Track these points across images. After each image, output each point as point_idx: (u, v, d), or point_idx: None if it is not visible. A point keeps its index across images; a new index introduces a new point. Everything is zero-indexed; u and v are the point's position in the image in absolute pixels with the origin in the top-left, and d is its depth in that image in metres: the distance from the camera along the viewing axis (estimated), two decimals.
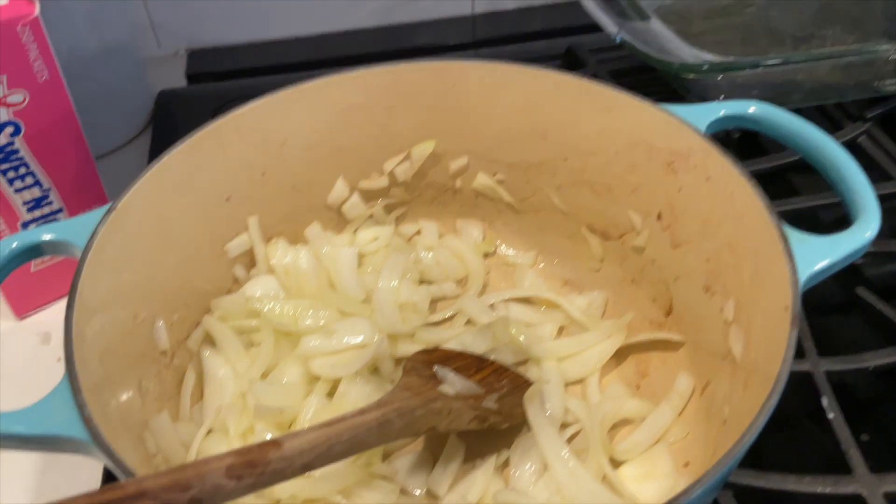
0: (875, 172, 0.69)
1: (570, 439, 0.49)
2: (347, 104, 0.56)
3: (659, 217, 0.53)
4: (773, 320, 0.40)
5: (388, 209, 0.62)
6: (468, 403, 0.46)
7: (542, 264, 0.62)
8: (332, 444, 0.36)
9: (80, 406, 0.35)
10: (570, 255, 0.60)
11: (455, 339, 0.53)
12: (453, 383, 0.46)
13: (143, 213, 0.47)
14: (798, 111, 0.50)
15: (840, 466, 0.48)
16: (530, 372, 0.53)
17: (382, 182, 0.60)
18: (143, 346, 0.47)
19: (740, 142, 0.76)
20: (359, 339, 0.52)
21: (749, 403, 0.39)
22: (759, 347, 0.42)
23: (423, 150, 0.59)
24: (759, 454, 0.55)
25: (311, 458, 0.35)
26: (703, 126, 0.49)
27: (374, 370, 0.52)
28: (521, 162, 0.59)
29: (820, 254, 0.41)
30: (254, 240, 0.56)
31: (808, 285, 0.41)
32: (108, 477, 0.49)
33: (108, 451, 0.34)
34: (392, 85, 0.56)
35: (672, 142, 0.50)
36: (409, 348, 0.53)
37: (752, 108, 0.49)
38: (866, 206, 0.43)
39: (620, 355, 0.55)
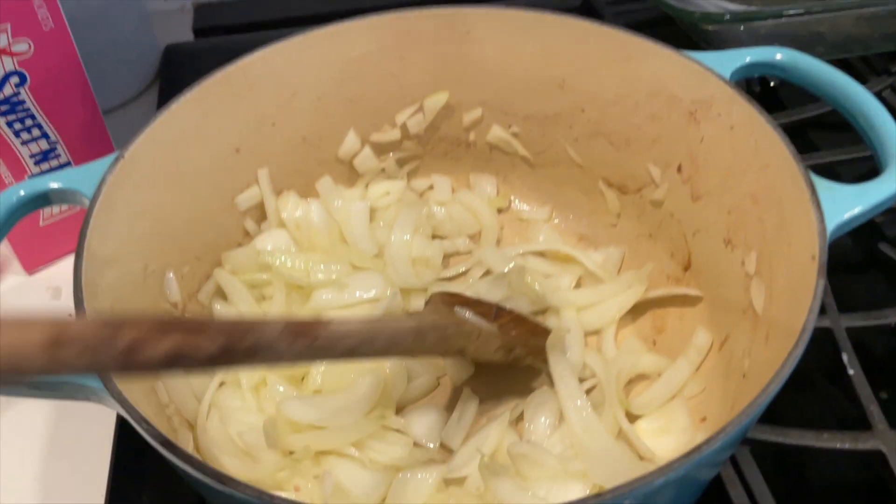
0: None
1: (588, 393, 0.48)
2: (358, 53, 0.54)
3: (679, 169, 0.51)
4: (798, 271, 0.39)
5: (401, 163, 0.60)
6: (495, 332, 0.46)
7: (556, 220, 0.61)
8: (374, 336, 0.37)
9: None
10: (585, 210, 0.59)
11: (470, 288, 0.52)
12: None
13: (151, 162, 0.46)
14: None
15: (859, 423, 0.47)
16: (549, 321, 0.52)
17: (395, 135, 0.59)
18: (154, 297, 0.47)
19: (760, 96, 0.74)
20: (371, 294, 0.52)
21: (771, 356, 0.38)
22: (782, 300, 0.41)
23: (436, 101, 0.57)
24: (777, 411, 0.54)
25: (354, 344, 0.36)
26: (727, 74, 0.47)
27: None
28: (536, 113, 0.57)
29: (849, 203, 0.40)
30: (264, 192, 0.55)
31: (835, 235, 0.40)
32: (122, 428, 0.49)
33: (119, 398, 0.33)
34: (404, 32, 0.54)
35: (695, 90, 0.48)
36: (421, 303, 0.53)
37: (779, 54, 0.47)
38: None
39: (637, 311, 0.54)
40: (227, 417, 0.45)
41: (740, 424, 0.32)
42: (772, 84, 0.74)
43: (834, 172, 0.66)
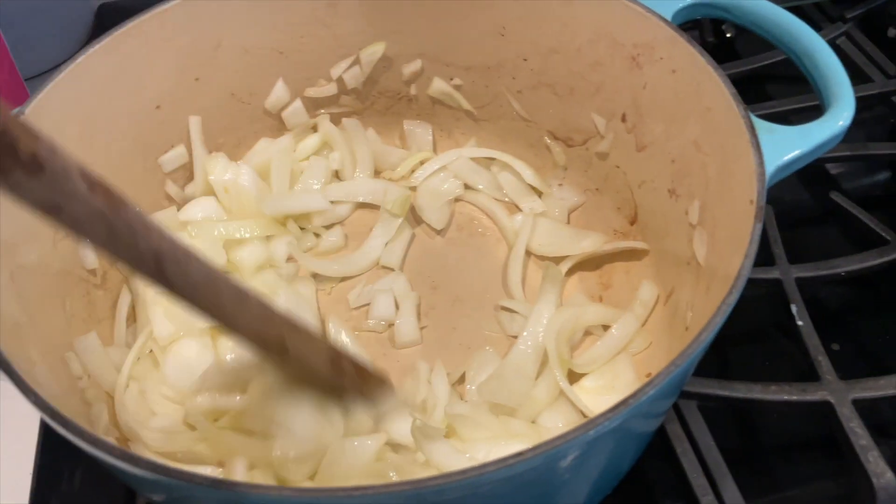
0: (854, 75, 0.66)
1: None
2: (285, 1, 0.51)
3: (623, 118, 0.50)
4: (737, 217, 0.37)
5: (338, 119, 0.58)
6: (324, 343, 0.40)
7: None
8: (187, 260, 0.30)
9: None
10: (532, 165, 0.57)
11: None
12: None
13: (59, 119, 0.43)
14: None
15: (810, 375, 0.46)
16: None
17: (331, 89, 0.56)
18: (67, 264, 0.44)
19: (715, 46, 0.72)
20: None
21: (711, 306, 0.36)
22: (723, 248, 0.39)
23: (373, 52, 0.54)
24: (729, 365, 0.53)
25: (162, 257, 0.29)
26: (668, 15, 0.45)
27: None
28: (478, 64, 0.55)
29: (790, 144, 0.38)
30: (194, 145, 0.52)
31: (776, 178, 0.38)
32: None
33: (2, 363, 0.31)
34: None
35: (636, 33, 0.46)
36: None
37: None
38: (840, 93, 0.40)
39: (583, 267, 0.52)
40: (146, 391, 0.42)
41: (672, 373, 0.30)
42: (728, 35, 0.72)
43: (788, 121, 0.65)
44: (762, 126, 0.39)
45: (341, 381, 0.39)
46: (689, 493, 0.43)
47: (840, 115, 0.39)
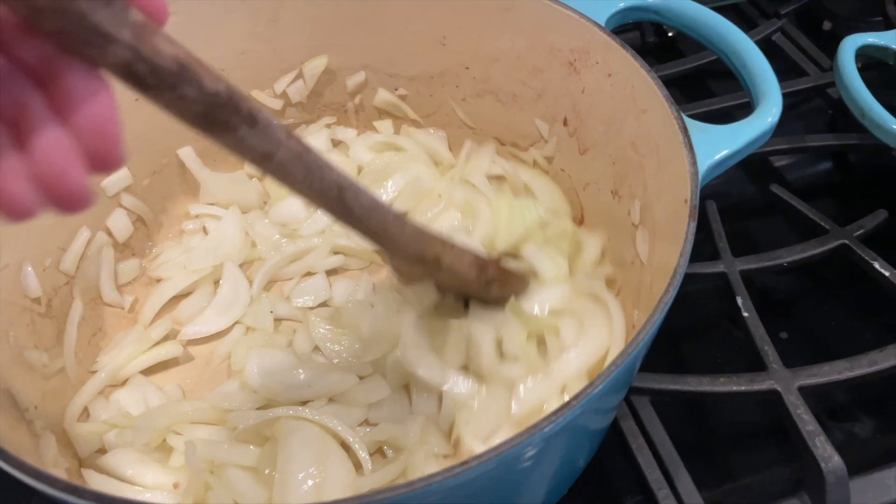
0: (790, 69, 0.68)
1: None
2: (224, 17, 0.51)
3: (565, 122, 0.50)
4: (674, 216, 0.38)
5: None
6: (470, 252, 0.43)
7: None
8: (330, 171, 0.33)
9: None
10: None
11: None
12: None
13: None
14: (715, 11, 0.48)
15: (759, 365, 0.48)
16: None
17: (276, 104, 0.56)
18: (9, 294, 0.43)
19: (657, 46, 0.74)
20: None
21: (654, 305, 0.37)
22: (663, 247, 0.40)
23: (316, 66, 0.55)
24: (682, 359, 0.55)
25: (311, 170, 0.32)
26: (602, 20, 0.46)
27: None
28: (421, 74, 0.55)
29: (721, 143, 0.39)
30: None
31: (710, 176, 0.39)
32: None
33: None
34: None
35: (572, 39, 0.47)
36: None
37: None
38: (768, 91, 0.41)
39: None
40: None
41: (610, 376, 0.31)
42: (669, 34, 0.74)
43: (732, 117, 0.67)
44: (694, 126, 0.40)
45: (487, 284, 0.44)
46: (646, 487, 0.44)
47: (768, 111, 0.40)
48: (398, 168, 0.54)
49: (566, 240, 0.48)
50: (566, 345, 0.43)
